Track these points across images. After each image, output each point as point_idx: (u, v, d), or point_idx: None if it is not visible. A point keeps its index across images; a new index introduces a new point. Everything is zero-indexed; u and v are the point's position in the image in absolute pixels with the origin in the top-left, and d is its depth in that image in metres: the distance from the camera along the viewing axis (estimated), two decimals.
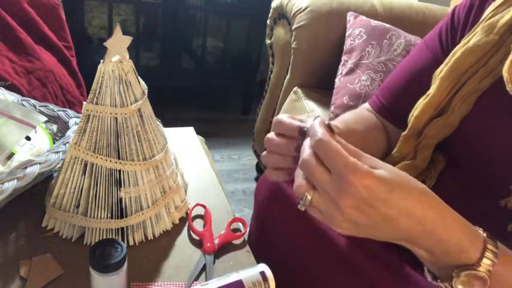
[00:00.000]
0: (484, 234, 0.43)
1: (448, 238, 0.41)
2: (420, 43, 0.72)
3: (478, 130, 0.60)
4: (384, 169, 0.40)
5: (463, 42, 0.61)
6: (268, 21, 1.61)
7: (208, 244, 0.68)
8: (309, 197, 0.41)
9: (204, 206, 0.76)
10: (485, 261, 0.41)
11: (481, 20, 0.60)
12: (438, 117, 0.62)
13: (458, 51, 0.60)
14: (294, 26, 1.44)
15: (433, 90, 0.62)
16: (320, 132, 0.41)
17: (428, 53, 0.69)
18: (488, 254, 0.41)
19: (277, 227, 0.72)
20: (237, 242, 0.71)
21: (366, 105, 0.78)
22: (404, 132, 0.65)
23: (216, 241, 0.69)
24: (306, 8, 1.42)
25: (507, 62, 0.54)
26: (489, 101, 0.59)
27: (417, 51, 0.72)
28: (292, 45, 1.45)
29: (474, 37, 0.59)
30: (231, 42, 2.22)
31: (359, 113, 0.75)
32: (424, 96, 0.63)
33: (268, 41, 1.63)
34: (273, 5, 1.58)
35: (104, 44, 0.57)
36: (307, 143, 0.42)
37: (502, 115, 0.57)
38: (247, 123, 1.96)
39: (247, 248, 0.70)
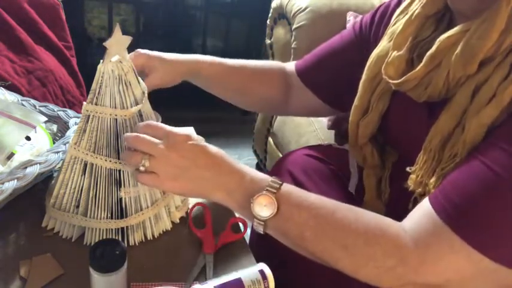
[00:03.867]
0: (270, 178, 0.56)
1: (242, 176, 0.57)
2: (355, 24, 0.81)
3: (395, 123, 0.69)
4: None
5: (376, 47, 0.69)
6: (268, 21, 1.61)
7: (208, 244, 0.68)
8: (147, 161, 0.56)
9: (204, 206, 0.76)
10: (270, 189, 0.54)
11: (389, 26, 0.69)
12: (362, 117, 0.71)
13: (372, 56, 0.69)
14: (294, 26, 1.44)
15: (358, 94, 0.71)
16: (143, 122, 0.60)
17: (353, 38, 0.79)
18: (270, 183, 0.55)
19: None
20: (237, 242, 0.71)
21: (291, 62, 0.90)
22: (348, 139, 0.74)
23: (216, 241, 0.69)
24: (306, 8, 1.42)
25: (385, 61, 0.64)
26: (399, 96, 0.66)
27: (347, 31, 0.83)
28: (292, 45, 1.45)
29: (382, 42, 0.68)
30: (231, 42, 2.22)
31: (264, 62, 0.89)
32: (354, 101, 0.72)
33: (268, 41, 1.63)
34: (273, 5, 1.58)
35: (104, 44, 0.57)
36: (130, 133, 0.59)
37: (411, 108, 0.64)
38: (247, 123, 1.95)
39: (247, 248, 0.70)
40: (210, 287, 0.53)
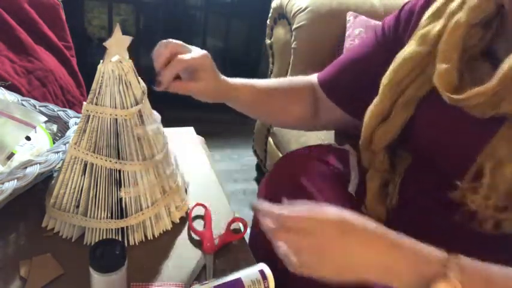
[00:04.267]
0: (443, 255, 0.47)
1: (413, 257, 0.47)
2: (376, 28, 0.76)
3: (421, 131, 0.65)
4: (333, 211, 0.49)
5: (402, 50, 0.64)
6: (268, 21, 1.61)
7: (208, 244, 0.68)
8: (293, 258, 0.47)
9: (204, 206, 0.76)
10: (451, 272, 0.45)
11: (417, 28, 0.64)
12: (382, 123, 0.67)
13: (397, 59, 0.64)
14: (294, 26, 1.44)
15: (378, 98, 0.67)
16: (275, 211, 0.50)
17: (375, 43, 0.74)
18: (451, 265, 0.46)
19: None
20: (237, 242, 0.71)
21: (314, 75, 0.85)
22: (360, 141, 0.71)
23: (216, 241, 0.69)
24: (306, 8, 1.42)
25: (436, 73, 0.58)
26: (429, 105, 0.62)
27: (368, 37, 0.77)
28: (292, 45, 1.45)
29: (410, 46, 0.63)
30: (231, 42, 2.22)
31: (293, 78, 0.85)
32: (372, 104, 0.68)
33: (268, 41, 1.63)
34: (273, 5, 1.58)
35: (104, 44, 0.57)
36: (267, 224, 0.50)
37: (441, 117, 0.61)
38: (247, 123, 1.95)
39: (247, 248, 0.70)
40: (210, 287, 0.53)
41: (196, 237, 0.71)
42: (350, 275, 0.47)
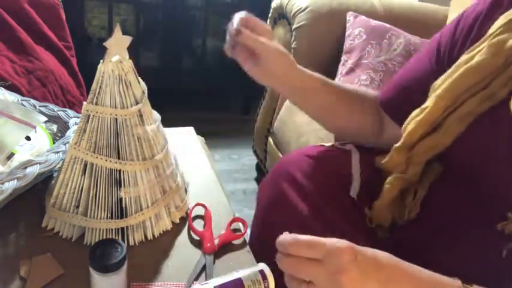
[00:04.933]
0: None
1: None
2: (427, 44, 0.71)
3: (471, 151, 0.59)
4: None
5: (465, 58, 0.57)
6: (268, 21, 1.61)
7: (208, 244, 0.68)
8: None
9: (204, 206, 0.76)
10: None
11: (488, 34, 0.56)
12: (431, 135, 0.61)
13: (459, 68, 0.57)
14: (294, 26, 1.44)
15: (428, 106, 0.60)
16: (289, 238, 0.48)
17: (427, 61, 0.68)
18: None
19: (279, 230, 0.72)
20: (237, 242, 0.71)
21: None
22: (396, 145, 0.64)
23: (216, 241, 0.69)
24: (306, 8, 1.42)
25: None
26: (486, 123, 0.56)
27: (425, 50, 0.71)
28: (292, 45, 1.45)
29: (479, 55, 0.56)
30: None
31: (358, 88, 0.80)
32: (418, 111, 0.62)
33: None
34: (273, 5, 1.58)
35: (104, 44, 0.57)
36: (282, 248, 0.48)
37: (498, 139, 0.55)
38: (247, 123, 1.95)
39: (247, 248, 0.70)
40: (210, 287, 0.53)
41: (196, 237, 0.71)
42: None
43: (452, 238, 0.60)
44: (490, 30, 0.56)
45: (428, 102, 0.61)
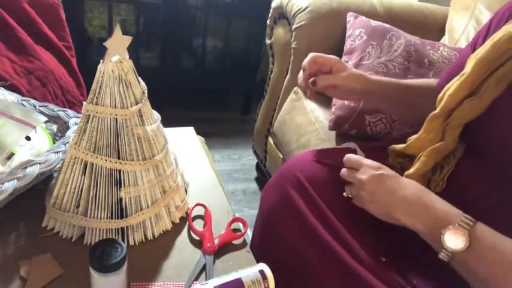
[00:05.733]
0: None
1: (434, 206, 0.59)
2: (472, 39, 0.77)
3: (505, 115, 0.63)
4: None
5: (505, 27, 0.63)
6: (268, 21, 1.61)
7: (208, 244, 0.68)
8: (349, 189, 0.67)
9: (204, 206, 0.76)
10: (463, 224, 0.55)
11: None
12: (470, 97, 0.65)
13: (498, 35, 0.62)
14: (294, 26, 1.44)
15: (468, 70, 0.65)
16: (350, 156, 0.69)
17: (470, 51, 0.73)
18: (463, 219, 0.55)
19: (281, 232, 0.72)
20: (237, 242, 0.71)
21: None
22: (433, 112, 0.68)
23: (216, 241, 0.69)
24: (306, 8, 1.42)
25: None
26: None
27: (466, 47, 0.78)
28: (292, 45, 1.45)
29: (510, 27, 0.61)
30: (231, 42, 2.22)
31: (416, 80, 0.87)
32: (458, 76, 0.66)
33: (268, 41, 1.63)
34: (273, 5, 1.58)
35: (104, 44, 0.57)
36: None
37: None
38: (247, 123, 1.95)
39: (247, 248, 0.70)
40: (210, 287, 0.53)
41: (196, 237, 0.71)
42: (389, 211, 0.62)
43: (482, 209, 0.63)
44: None
45: (467, 68, 0.65)
